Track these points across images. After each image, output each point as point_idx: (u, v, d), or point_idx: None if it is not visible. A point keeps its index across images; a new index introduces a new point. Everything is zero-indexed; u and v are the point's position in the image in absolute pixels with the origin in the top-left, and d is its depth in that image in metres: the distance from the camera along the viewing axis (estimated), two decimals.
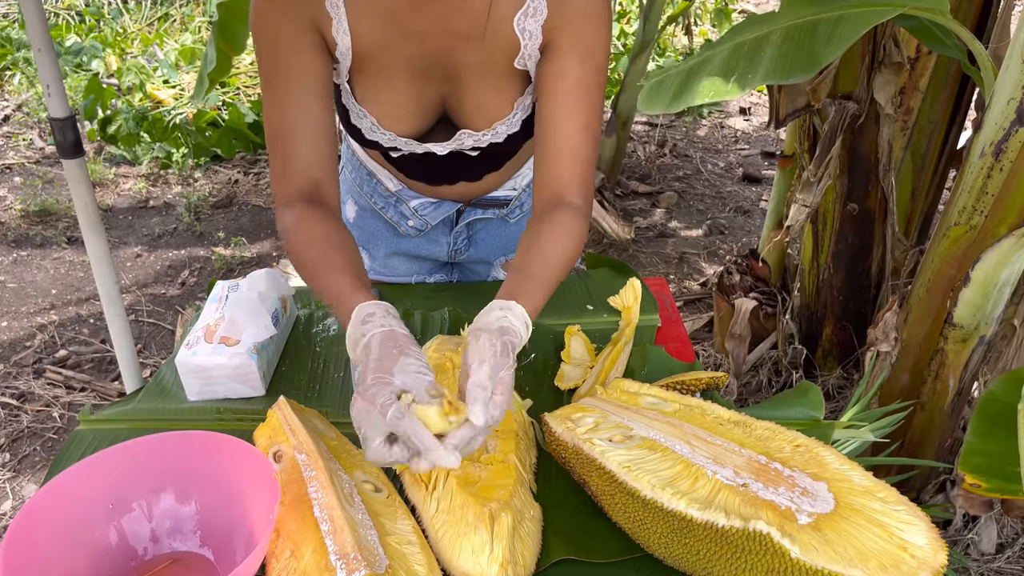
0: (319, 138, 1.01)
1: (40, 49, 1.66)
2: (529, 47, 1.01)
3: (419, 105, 1.08)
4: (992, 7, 1.85)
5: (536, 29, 0.99)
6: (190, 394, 1.09)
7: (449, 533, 0.83)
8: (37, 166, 3.84)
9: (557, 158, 1.02)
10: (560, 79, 1.00)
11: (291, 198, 1.00)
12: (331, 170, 1.03)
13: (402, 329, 0.85)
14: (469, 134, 1.11)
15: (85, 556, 0.82)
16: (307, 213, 0.99)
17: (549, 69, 1.01)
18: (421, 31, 0.99)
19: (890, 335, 1.73)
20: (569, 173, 1.02)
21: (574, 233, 1.00)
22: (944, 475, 1.86)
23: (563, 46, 1.00)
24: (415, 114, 1.09)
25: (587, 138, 1.02)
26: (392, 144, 1.12)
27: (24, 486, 2.14)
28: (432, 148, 1.13)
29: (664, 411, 0.94)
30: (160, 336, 2.74)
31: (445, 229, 1.34)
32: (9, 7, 5.40)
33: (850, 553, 0.69)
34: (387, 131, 1.10)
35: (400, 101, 1.07)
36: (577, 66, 1.00)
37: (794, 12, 1.40)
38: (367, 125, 1.10)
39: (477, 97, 1.06)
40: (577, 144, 1.02)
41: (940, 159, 2.08)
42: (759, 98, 4.86)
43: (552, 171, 1.03)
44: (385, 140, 1.11)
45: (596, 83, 1.02)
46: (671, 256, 3.28)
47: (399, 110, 1.08)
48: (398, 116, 1.08)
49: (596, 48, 1.01)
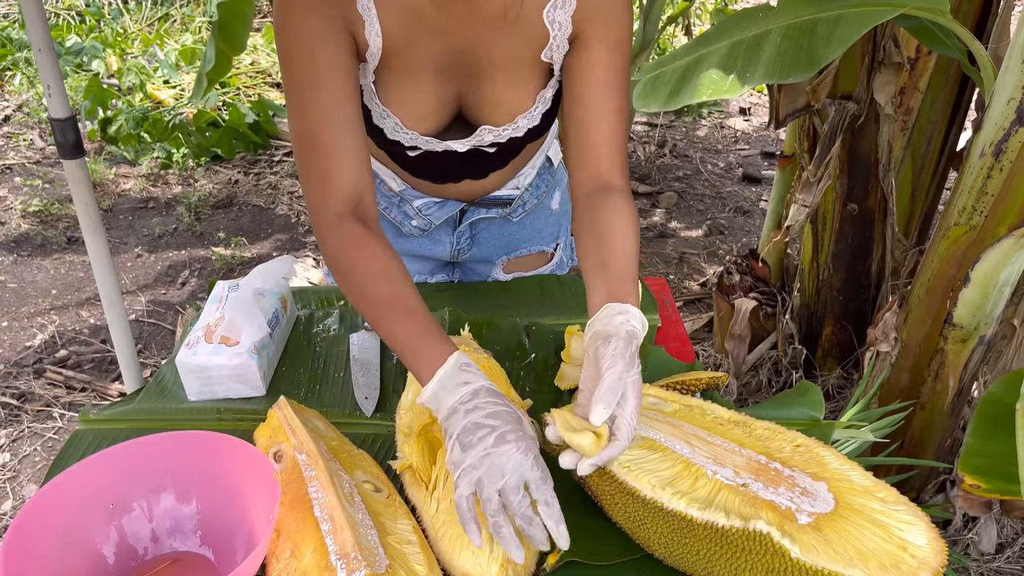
0: (357, 145, 0.97)
1: (41, 49, 1.66)
2: (558, 38, 1.02)
3: (439, 103, 1.08)
4: (992, 7, 1.85)
5: (566, 20, 1.00)
6: (190, 394, 1.09)
7: (449, 533, 0.83)
8: (37, 166, 3.84)
9: (598, 148, 1.04)
10: (592, 68, 1.02)
11: (335, 216, 0.95)
12: (372, 181, 1.00)
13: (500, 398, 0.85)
14: (489, 130, 1.11)
15: (85, 556, 0.82)
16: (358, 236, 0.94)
17: (581, 59, 1.03)
18: (447, 28, 0.99)
19: (890, 335, 1.73)
20: (610, 160, 1.04)
21: (633, 218, 1.01)
22: (944, 475, 1.86)
23: (593, 36, 1.01)
24: (436, 112, 1.09)
25: (622, 122, 1.05)
26: (413, 143, 1.12)
27: (24, 486, 2.14)
28: (452, 145, 1.13)
29: (664, 411, 0.94)
30: (160, 336, 2.74)
31: (448, 229, 1.34)
32: (9, 7, 5.40)
33: (850, 553, 0.69)
34: (409, 131, 1.10)
35: (424, 100, 1.07)
36: (607, 54, 1.02)
37: (793, 11, 1.40)
38: (390, 125, 1.09)
39: (499, 92, 1.07)
40: (615, 130, 1.04)
41: (940, 159, 2.09)
42: (759, 98, 4.86)
43: (595, 161, 1.04)
44: (407, 140, 1.11)
45: (624, 67, 1.04)
46: (671, 256, 3.28)
47: (422, 108, 1.08)
48: (420, 115, 1.08)
49: (623, 35, 1.03)
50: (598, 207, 1.01)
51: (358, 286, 0.94)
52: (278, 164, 3.93)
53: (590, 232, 1.00)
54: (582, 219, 1.02)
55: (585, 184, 1.05)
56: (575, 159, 1.06)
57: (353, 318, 1.26)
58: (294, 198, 3.65)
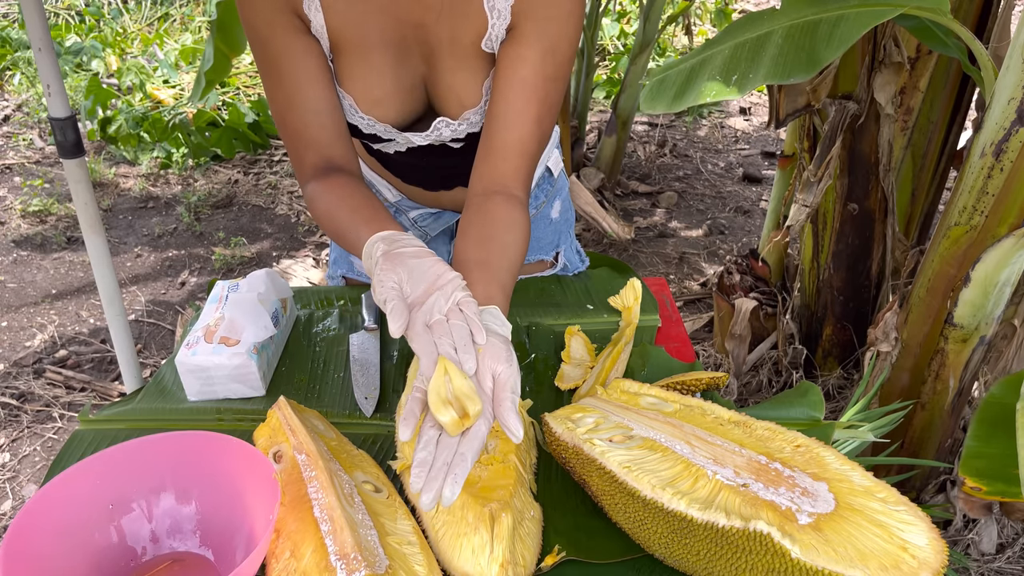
0: (320, 112, 1.01)
1: (40, 49, 1.66)
2: (496, 27, 0.98)
3: (398, 88, 1.05)
4: (992, 7, 1.85)
5: (505, 8, 0.97)
6: (190, 394, 1.09)
7: (449, 533, 0.83)
8: (37, 166, 3.84)
9: (505, 150, 1.00)
10: (520, 65, 0.98)
11: (307, 177, 1.03)
12: (340, 138, 1.04)
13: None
14: (446, 123, 1.08)
15: (85, 556, 0.82)
16: (322, 186, 1.00)
17: (511, 53, 0.98)
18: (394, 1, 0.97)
19: (890, 335, 1.73)
20: (515, 167, 1.01)
21: (526, 231, 1.00)
22: (944, 475, 1.86)
23: (528, 32, 0.97)
24: (393, 97, 1.06)
25: (538, 133, 1.01)
26: (372, 131, 1.10)
27: (24, 486, 2.14)
28: (412, 137, 1.11)
29: (664, 411, 0.93)
30: (160, 336, 2.74)
31: (445, 239, 1.34)
32: (9, 7, 5.40)
33: (850, 553, 0.69)
34: (365, 115, 1.07)
35: (378, 81, 1.04)
36: (538, 57, 0.97)
37: (795, 12, 1.40)
38: (346, 107, 1.08)
39: (450, 79, 1.04)
40: (527, 137, 1.00)
41: (940, 159, 2.09)
42: (759, 98, 4.86)
43: (500, 163, 1.01)
44: (364, 125, 1.09)
45: (556, 77, 1.00)
46: (671, 256, 3.28)
47: (376, 91, 1.05)
48: (376, 99, 1.06)
49: (561, 43, 0.98)
50: (492, 211, 0.99)
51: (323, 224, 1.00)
52: (278, 164, 3.93)
53: (479, 232, 0.97)
54: (473, 217, 0.99)
55: (484, 182, 1.02)
56: (482, 153, 1.03)
57: (353, 318, 1.26)
58: (294, 198, 3.65)
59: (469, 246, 0.95)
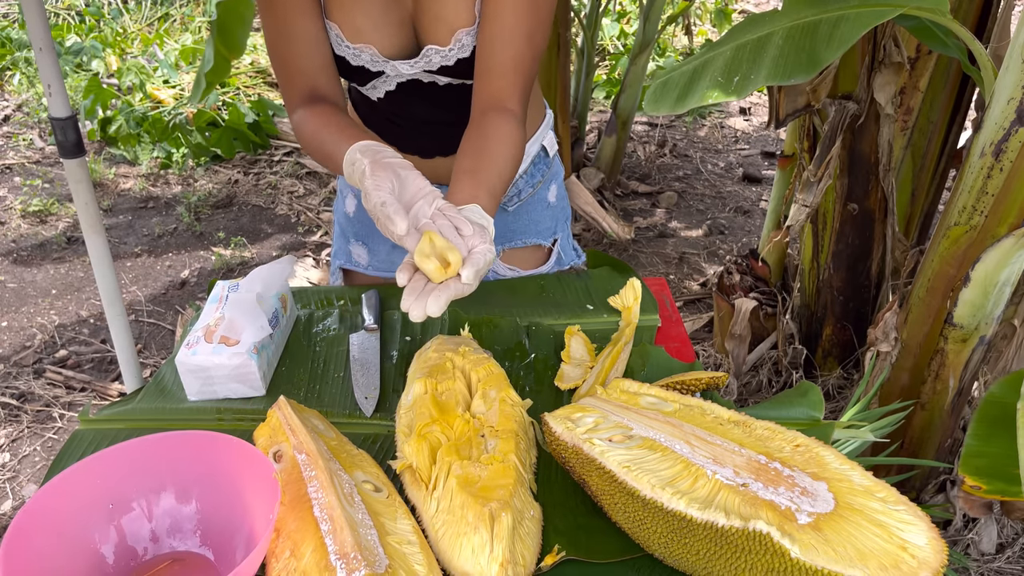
0: (308, 42, 1.07)
1: (41, 49, 1.66)
2: None
3: (386, 18, 1.08)
4: (992, 7, 1.85)
5: None
6: (190, 394, 1.09)
7: (449, 533, 0.83)
8: (37, 166, 3.84)
9: (501, 67, 1.05)
10: None
11: (294, 104, 1.10)
12: (325, 70, 1.10)
13: None
14: (436, 50, 1.10)
15: (85, 556, 0.82)
16: (309, 112, 1.07)
17: None
18: None
19: (890, 335, 1.73)
20: (512, 83, 1.05)
21: (520, 144, 1.04)
22: (944, 475, 1.86)
23: None
24: (380, 24, 1.08)
25: (531, 49, 1.05)
26: (359, 62, 1.12)
27: (24, 486, 2.14)
28: (400, 66, 1.13)
29: (664, 411, 0.94)
30: (160, 336, 2.74)
31: None
32: (9, 7, 5.40)
33: (850, 553, 0.69)
34: (352, 44, 1.10)
35: (362, 8, 1.07)
36: None
37: (795, 12, 1.40)
38: (333, 37, 1.11)
39: (438, 8, 1.07)
40: (522, 54, 1.04)
41: (940, 159, 2.09)
42: (759, 98, 4.86)
43: (496, 80, 1.06)
44: (350, 55, 1.12)
45: None
46: (671, 256, 3.29)
47: (360, 19, 1.08)
48: (359, 27, 1.09)
49: None
50: (487, 126, 1.03)
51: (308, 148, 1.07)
52: (278, 164, 3.93)
53: (473, 144, 1.02)
54: (470, 132, 1.05)
55: (483, 101, 1.06)
56: (479, 74, 1.07)
57: (353, 318, 1.26)
58: (294, 198, 3.65)
59: (462, 157, 1.02)
